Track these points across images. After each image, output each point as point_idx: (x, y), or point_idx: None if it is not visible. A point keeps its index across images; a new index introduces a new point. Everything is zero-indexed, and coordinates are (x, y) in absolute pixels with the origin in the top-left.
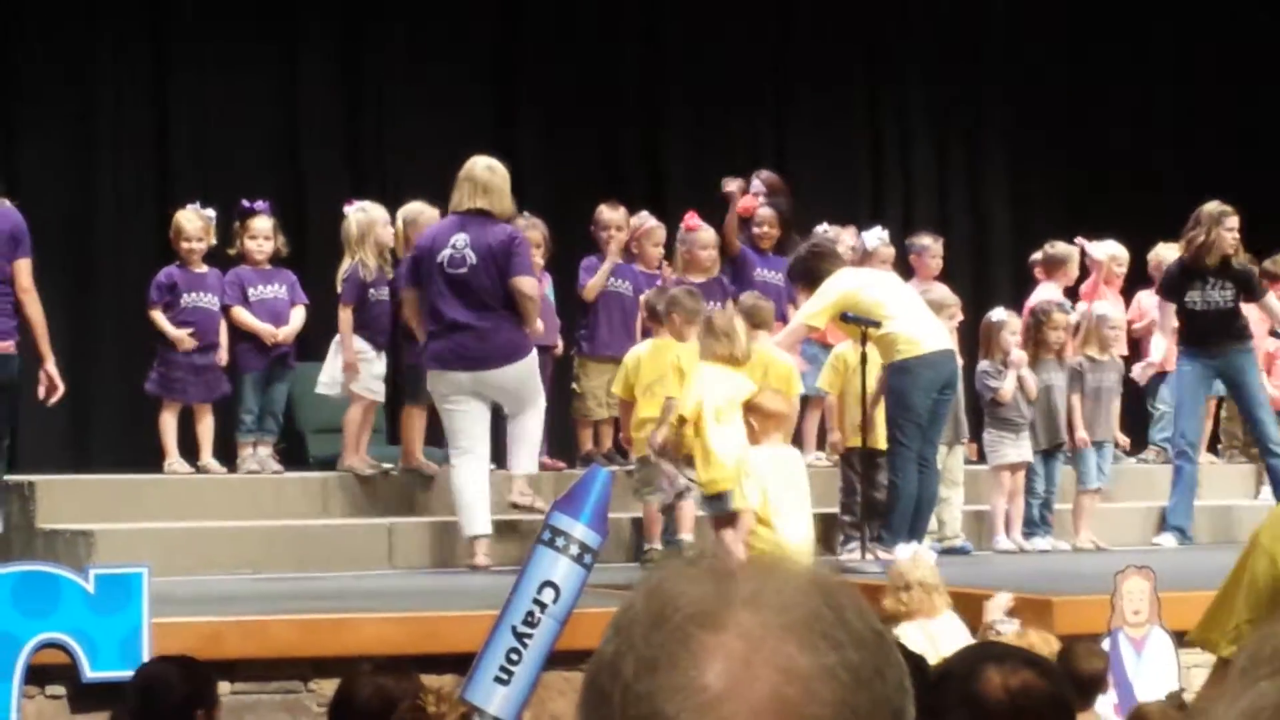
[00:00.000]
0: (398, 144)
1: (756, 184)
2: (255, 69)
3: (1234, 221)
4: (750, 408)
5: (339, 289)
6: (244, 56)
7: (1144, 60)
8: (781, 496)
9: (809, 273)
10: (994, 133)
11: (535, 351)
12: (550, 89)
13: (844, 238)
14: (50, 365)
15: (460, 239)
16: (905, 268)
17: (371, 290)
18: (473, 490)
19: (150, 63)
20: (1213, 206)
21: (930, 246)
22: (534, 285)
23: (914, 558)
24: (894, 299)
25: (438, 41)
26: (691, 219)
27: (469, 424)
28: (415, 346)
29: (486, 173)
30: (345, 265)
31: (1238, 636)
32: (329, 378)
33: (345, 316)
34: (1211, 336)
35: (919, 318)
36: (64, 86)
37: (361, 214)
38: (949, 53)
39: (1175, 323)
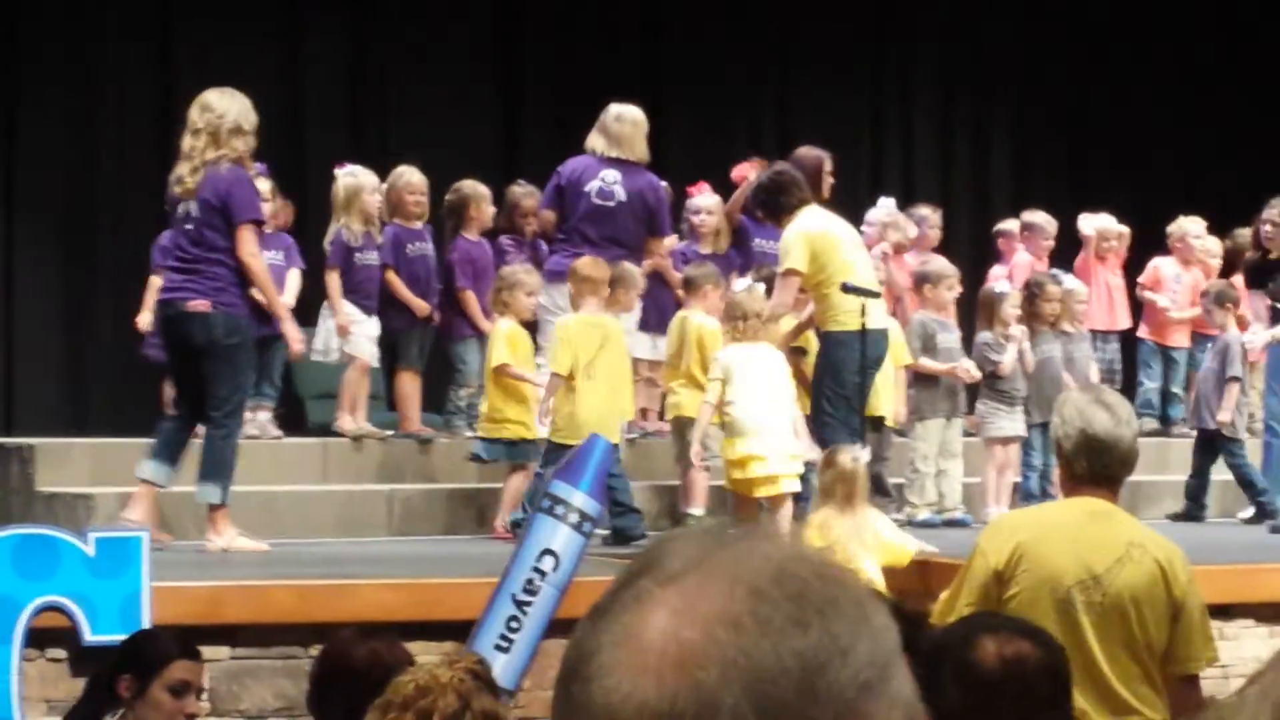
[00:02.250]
0: (400, 115)
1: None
2: (260, 38)
3: None
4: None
5: (326, 252)
6: (248, 24)
7: (1148, 36)
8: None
9: (770, 204)
10: (997, 104)
11: None
12: (553, 64)
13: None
14: (284, 325)
15: (610, 174)
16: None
17: (358, 254)
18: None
19: (156, 28)
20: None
21: (929, 217)
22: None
23: (749, 288)
24: (847, 260)
25: (441, 17)
26: (693, 187)
27: None
28: (404, 309)
29: (616, 123)
30: (331, 229)
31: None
32: (322, 344)
33: (333, 280)
34: None
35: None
36: (68, 51)
37: (350, 178)
38: (952, 26)
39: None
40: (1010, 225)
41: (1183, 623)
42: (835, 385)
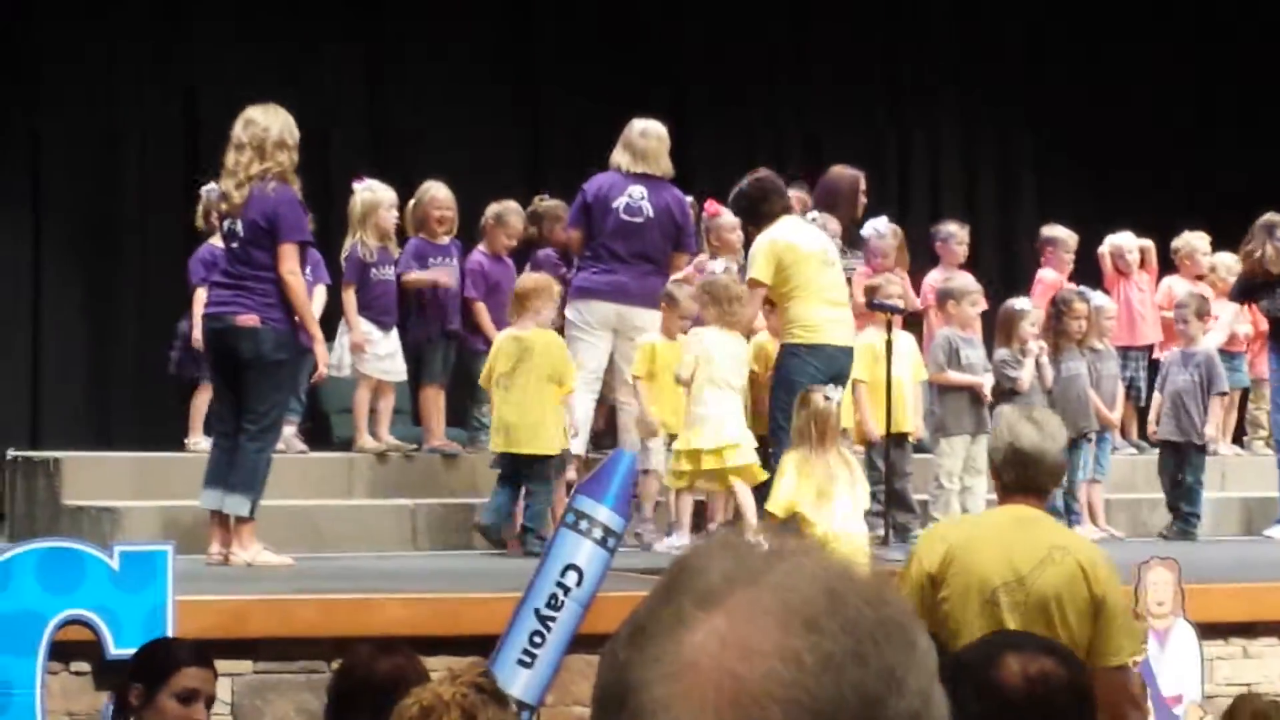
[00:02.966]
0: (423, 130)
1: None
2: (282, 53)
3: None
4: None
5: (342, 268)
6: (270, 39)
7: (1166, 54)
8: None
9: (749, 210)
10: (1022, 121)
11: None
12: (570, 76)
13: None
14: (316, 346)
15: (637, 190)
16: (932, 255)
17: (373, 270)
18: (579, 415)
19: (178, 44)
20: (1266, 219)
21: (956, 234)
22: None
23: (726, 269)
24: (814, 274)
25: (463, 34)
26: (712, 205)
27: (593, 356)
28: (426, 323)
29: (640, 139)
30: (347, 244)
31: None
32: (335, 359)
33: (348, 296)
34: None
35: (827, 302)
36: (92, 68)
37: (368, 193)
38: (973, 48)
39: (1246, 324)
40: (1051, 233)
41: (1104, 619)
42: (788, 398)
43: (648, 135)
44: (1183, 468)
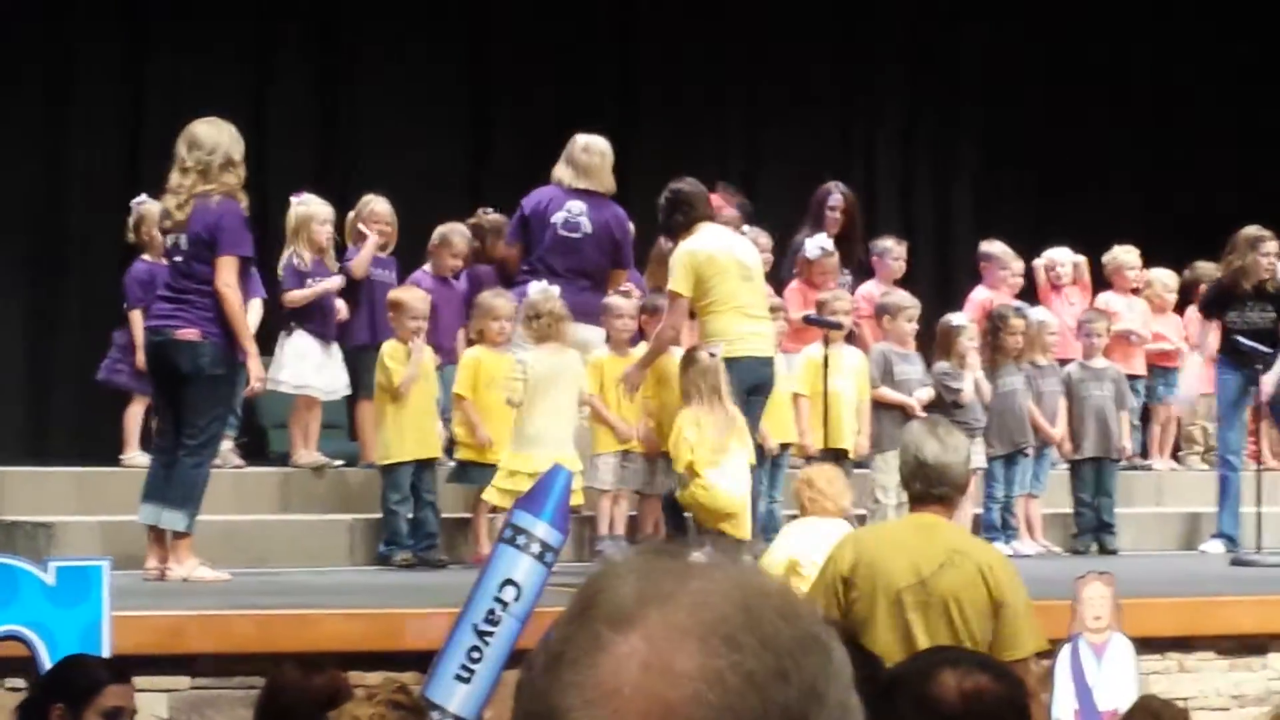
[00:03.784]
0: (369, 144)
1: (837, 198)
2: (229, 66)
3: (1271, 246)
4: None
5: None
6: (218, 52)
7: (1118, 69)
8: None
9: (665, 219)
10: (962, 136)
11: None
12: (525, 92)
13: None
14: (250, 360)
15: (576, 205)
16: (868, 270)
17: (310, 280)
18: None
19: (123, 56)
20: (1249, 231)
21: (892, 249)
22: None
23: (544, 289)
24: (732, 287)
25: (413, 43)
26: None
27: None
28: (359, 334)
29: (583, 154)
30: (283, 256)
31: None
32: (271, 373)
33: (292, 296)
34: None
35: (745, 316)
36: (36, 80)
37: (302, 208)
38: (920, 62)
39: (1214, 342)
40: (989, 249)
41: (1004, 617)
42: None
43: (590, 151)
44: (1102, 482)
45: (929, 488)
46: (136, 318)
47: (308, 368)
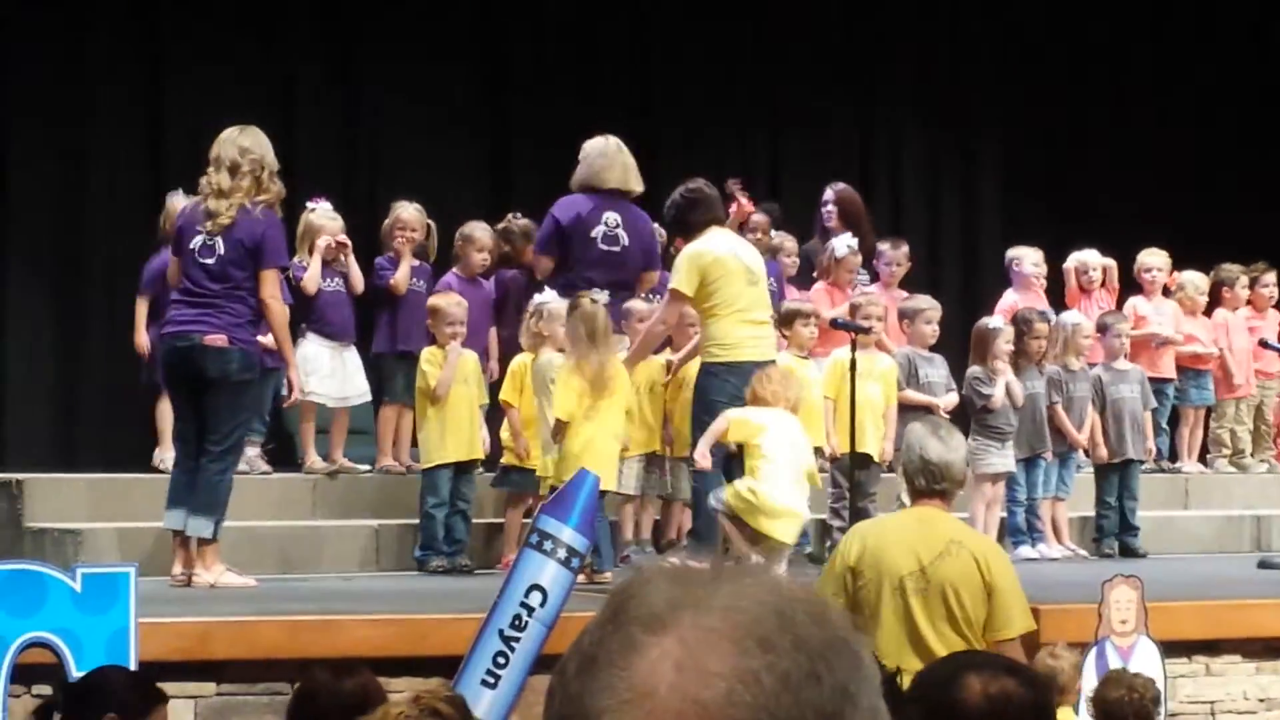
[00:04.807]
0: (391, 165)
1: (829, 195)
2: (251, 79)
3: None
4: None
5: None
6: (239, 65)
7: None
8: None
9: (679, 222)
10: (986, 141)
11: None
12: (541, 113)
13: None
14: (291, 371)
15: (612, 217)
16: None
17: (321, 283)
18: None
19: (145, 69)
20: None
21: (886, 253)
22: None
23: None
24: (736, 291)
25: (432, 68)
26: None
27: None
28: (381, 342)
29: (600, 159)
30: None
31: None
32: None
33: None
34: None
35: (747, 321)
36: (58, 94)
37: (312, 215)
38: (939, 68)
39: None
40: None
41: (995, 601)
42: (708, 418)
43: (625, 150)
44: (1127, 484)
45: (931, 483)
46: (141, 306)
47: (314, 374)
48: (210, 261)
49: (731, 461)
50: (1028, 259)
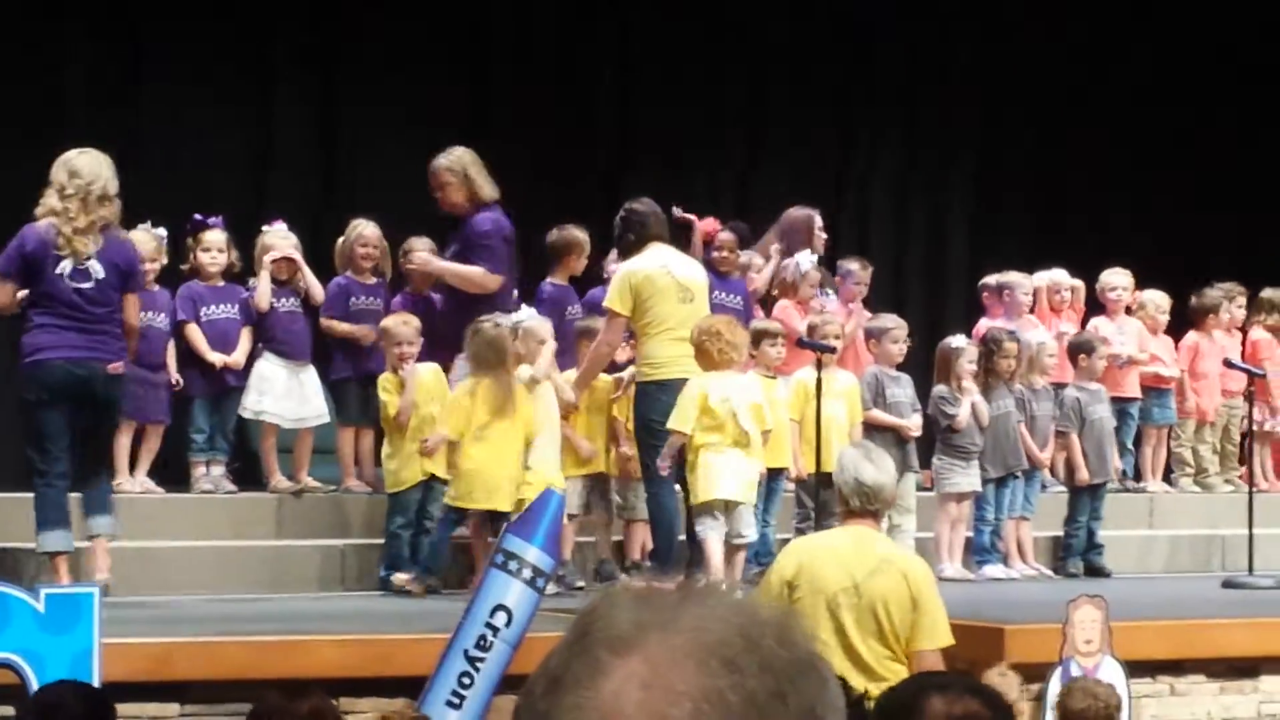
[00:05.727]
0: (365, 180)
1: (818, 218)
2: (230, 91)
3: None
4: None
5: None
6: (219, 77)
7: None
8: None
9: (619, 239)
10: (955, 161)
11: None
12: (521, 133)
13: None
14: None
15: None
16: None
17: (275, 303)
18: None
19: (125, 76)
20: None
21: (854, 272)
22: None
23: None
24: (668, 310)
25: (410, 85)
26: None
27: None
28: (339, 364)
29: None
30: (253, 281)
31: None
32: (253, 403)
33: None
34: None
35: (678, 339)
36: (32, 99)
37: (266, 237)
38: (912, 88)
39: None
40: (990, 280)
41: (919, 614)
42: (646, 437)
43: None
44: (1095, 503)
45: (865, 504)
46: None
47: (268, 395)
48: (88, 286)
49: (683, 468)
50: (1020, 288)
